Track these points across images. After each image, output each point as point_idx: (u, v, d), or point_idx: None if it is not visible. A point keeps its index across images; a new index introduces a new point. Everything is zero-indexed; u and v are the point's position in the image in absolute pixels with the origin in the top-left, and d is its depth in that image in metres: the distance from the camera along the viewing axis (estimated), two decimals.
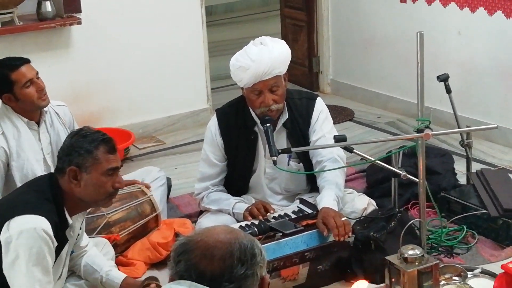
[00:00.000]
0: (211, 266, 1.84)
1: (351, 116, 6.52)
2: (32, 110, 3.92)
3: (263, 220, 3.70)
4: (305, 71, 7.39)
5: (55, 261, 3.03)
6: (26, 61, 3.90)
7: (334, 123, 4.15)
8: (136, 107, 6.14)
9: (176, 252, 1.89)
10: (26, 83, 3.82)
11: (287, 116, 3.89)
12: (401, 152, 3.97)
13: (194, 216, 4.30)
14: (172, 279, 1.88)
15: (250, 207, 3.82)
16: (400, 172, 3.74)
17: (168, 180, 4.64)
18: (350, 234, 3.57)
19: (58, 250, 3.04)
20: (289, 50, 3.84)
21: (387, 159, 3.93)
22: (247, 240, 1.92)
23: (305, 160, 3.94)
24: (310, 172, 3.91)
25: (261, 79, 3.71)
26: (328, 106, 4.14)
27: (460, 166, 4.73)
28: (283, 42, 3.89)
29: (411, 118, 6.00)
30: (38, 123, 3.98)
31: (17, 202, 3.04)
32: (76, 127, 4.10)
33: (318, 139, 3.90)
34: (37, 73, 3.90)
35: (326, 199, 3.68)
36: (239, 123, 3.94)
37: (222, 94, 6.63)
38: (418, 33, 3.81)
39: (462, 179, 4.62)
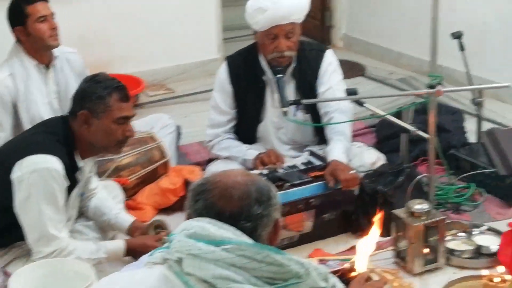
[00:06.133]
0: (229, 205, 1.87)
1: (363, 72, 6.50)
2: (41, 49, 3.94)
3: (272, 170, 3.71)
4: (317, 24, 7.34)
5: (65, 202, 3.07)
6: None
7: (345, 78, 4.14)
8: (146, 54, 6.13)
9: (195, 191, 1.92)
10: (39, 18, 3.86)
11: (295, 65, 3.87)
12: (412, 108, 3.97)
13: (203, 164, 4.32)
14: (189, 217, 1.91)
15: (261, 155, 3.84)
16: (411, 128, 3.74)
17: (178, 128, 4.65)
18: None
19: (68, 192, 3.08)
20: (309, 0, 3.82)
21: (398, 116, 3.92)
22: (264, 183, 1.96)
23: (313, 111, 3.94)
24: (318, 125, 3.92)
25: (278, 23, 3.69)
26: (339, 61, 4.12)
27: (470, 125, 4.72)
28: None
29: (423, 76, 5.97)
30: (48, 67, 4.00)
31: (29, 142, 3.07)
32: (88, 74, 4.11)
33: (326, 90, 3.89)
34: (52, 14, 3.94)
35: (335, 152, 3.70)
36: (248, 71, 3.93)
37: (234, 45, 6.55)
38: None
39: (472, 138, 4.61)
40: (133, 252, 3.23)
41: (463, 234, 3.51)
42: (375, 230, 2.73)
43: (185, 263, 1.82)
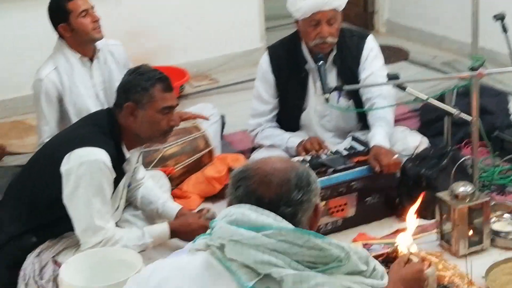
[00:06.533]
0: (269, 191, 1.90)
1: (406, 56, 6.47)
2: (86, 42, 4.00)
3: (315, 156, 3.74)
4: (359, 10, 7.33)
5: (113, 193, 3.14)
6: None
7: (388, 63, 4.15)
8: (191, 46, 6.18)
9: (235, 179, 1.96)
10: (81, 13, 3.92)
11: (336, 52, 3.89)
12: (455, 91, 3.96)
13: (247, 153, 4.36)
14: (230, 204, 1.95)
15: (304, 142, 3.87)
16: (453, 110, 3.73)
17: (222, 117, 4.70)
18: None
19: (115, 183, 3.14)
20: None
21: (441, 99, 3.91)
22: (303, 168, 1.99)
23: (355, 97, 3.95)
24: (360, 110, 3.93)
25: (321, 9, 3.71)
26: (382, 46, 4.12)
27: None
28: None
29: (466, 59, 5.92)
30: (91, 60, 4.07)
31: (77, 135, 3.14)
32: (131, 66, 4.18)
33: (367, 76, 3.90)
34: (93, 6, 4.00)
35: (378, 137, 3.71)
36: (290, 60, 3.95)
37: (276, 34, 6.56)
38: None
39: None
40: (178, 233, 3.29)
41: (508, 215, 3.50)
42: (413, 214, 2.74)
43: (227, 249, 1.86)
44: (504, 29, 4.42)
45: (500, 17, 4.44)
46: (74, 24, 3.93)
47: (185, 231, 3.25)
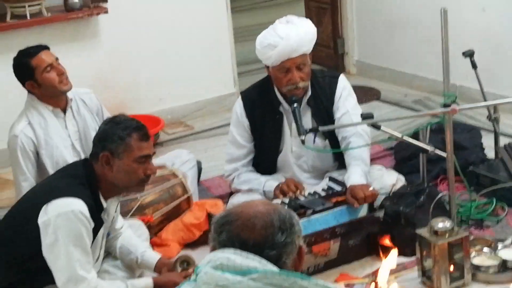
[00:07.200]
0: (253, 235, 1.90)
1: (378, 96, 6.53)
2: (55, 96, 3.96)
3: (293, 198, 3.75)
4: (330, 53, 7.41)
5: (92, 243, 3.11)
6: (45, 47, 3.96)
7: (361, 103, 4.18)
8: (164, 93, 6.20)
9: (218, 224, 1.95)
10: (46, 68, 3.87)
11: (310, 94, 3.92)
12: (429, 128, 3.99)
13: (225, 198, 4.36)
14: (214, 249, 1.93)
15: (280, 185, 3.87)
16: (428, 147, 3.77)
17: (198, 163, 4.69)
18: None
19: (94, 233, 3.11)
20: (315, 29, 3.88)
21: (415, 137, 3.95)
22: (285, 211, 1.99)
23: (331, 137, 3.98)
24: (337, 150, 3.95)
25: (289, 56, 3.75)
26: (354, 86, 4.16)
27: (487, 141, 4.74)
28: (309, 20, 3.92)
29: (437, 96, 5.99)
30: (64, 111, 4.04)
31: (53, 187, 3.11)
32: (106, 112, 4.18)
33: (342, 115, 3.94)
34: (56, 58, 3.95)
35: (354, 177, 3.72)
36: (264, 103, 3.98)
37: (249, 79, 6.63)
38: (442, 9, 3.82)
39: (490, 154, 4.63)
40: None
41: (487, 249, 3.52)
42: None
43: None
44: (474, 65, 4.48)
45: (468, 54, 4.51)
46: (40, 80, 3.87)
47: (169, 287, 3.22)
